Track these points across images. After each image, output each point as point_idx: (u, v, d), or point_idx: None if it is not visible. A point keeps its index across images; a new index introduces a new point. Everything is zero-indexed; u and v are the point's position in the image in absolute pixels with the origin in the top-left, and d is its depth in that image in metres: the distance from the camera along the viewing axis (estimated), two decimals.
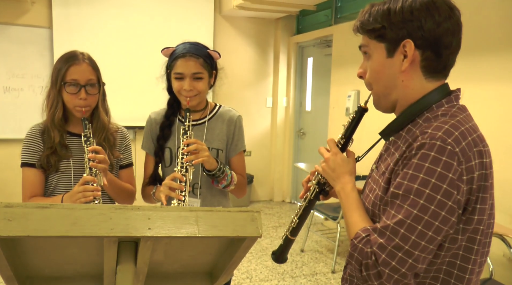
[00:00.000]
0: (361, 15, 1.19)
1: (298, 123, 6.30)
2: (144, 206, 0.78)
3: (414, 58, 1.11)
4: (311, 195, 1.40)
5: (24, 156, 1.79)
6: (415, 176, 1.02)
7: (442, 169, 0.99)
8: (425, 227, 1.00)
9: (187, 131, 1.76)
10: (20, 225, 0.76)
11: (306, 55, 6.14)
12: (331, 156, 1.31)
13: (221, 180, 1.83)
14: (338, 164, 1.29)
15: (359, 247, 1.09)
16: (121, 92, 5.19)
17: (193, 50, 1.80)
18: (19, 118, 5.01)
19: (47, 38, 5.08)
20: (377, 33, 1.14)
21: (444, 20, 1.08)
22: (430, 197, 1.00)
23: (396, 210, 1.04)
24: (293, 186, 6.40)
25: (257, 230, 0.81)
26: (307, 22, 5.92)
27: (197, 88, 1.81)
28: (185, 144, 1.73)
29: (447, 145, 1.00)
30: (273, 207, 6.16)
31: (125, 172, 1.96)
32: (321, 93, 5.68)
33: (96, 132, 1.81)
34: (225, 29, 5.89)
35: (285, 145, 6.38)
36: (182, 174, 1.70)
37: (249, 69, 6.11)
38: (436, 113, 1.11)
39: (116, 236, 0.75)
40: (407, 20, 1.09)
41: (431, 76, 1.14)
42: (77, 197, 1.63)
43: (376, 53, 1.16)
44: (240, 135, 1.96)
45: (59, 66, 1.75)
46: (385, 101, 1.21)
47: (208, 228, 0.78)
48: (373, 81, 1.20)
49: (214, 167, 1.79)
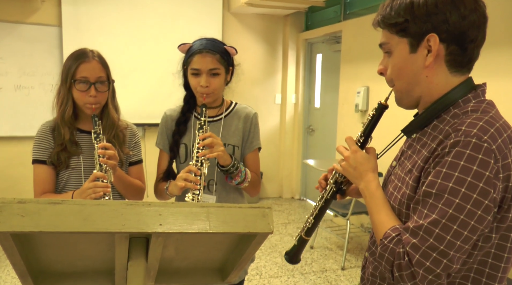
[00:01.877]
0: (382, 9, 1.16)
1: (307, 120, 6.28)
2: (155, 202, 0.78)
3: (438, 53, 1.08)
4: (328, 194, 1.37)
5: (35, 153, 1.80)
6: (449, 175, 0.99)
7: (478, 167, 0.96)
8: (460, 227, 0.98)
9: (202, 126, 1.76)
10: (33, 220, 0.76)
11: (315, 51, 6.12)
12: (351, 154, 1.27)
13: (234, 176, 1.82)
14: (359, 162, 1.25)
15: (390, 247, 1.06)
16: (130, 90, 5.21)
17: (209, 46, 1.79)
18: (30, 115, 5.05)
19: (56, 36, 5.11)
20: (400, 27, 1.10)
21: (469, 13, 1.05)
22: (466, 196, 0.97)
23: (429, 209, 1.01)
24: (302, 182, 6.39)
25: (268, 227, 0.81)
26: (316, 18, 5.89)
27: (213, 84, 1.80)
28: (201, 138, 1.73)
29: (483, 142, 0.97)
30: (282, 204, 6.16)
31: (135, 168, 1.97)
32: (330, 90, 5.66)
33: (105, 129, 1.82)
34: (233, 26, 5.89)
35: (294, 141, 6.37)
36: (198, 168, 1.71)
37: (258, 66, 6.10)
38: (465, 109, 1.08)
39: (127, 232, 0.76)
40: (432, 13, 1.05)
41: (456, 71, 1.11)
42: (87, 193, 1.64)
43: (398, 49, 1.13)
44: (255, 132, 1.95)
45: (69, 64, 1.76)
46: (408, 98, 1.18)
47: (219, 224, 0.78)
48: (395, 78, 1.17)
49: (228, 163, 1.78)
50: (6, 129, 5.07)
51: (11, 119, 5.07)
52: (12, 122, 5.07)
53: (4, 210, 0.78)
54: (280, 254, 4.34)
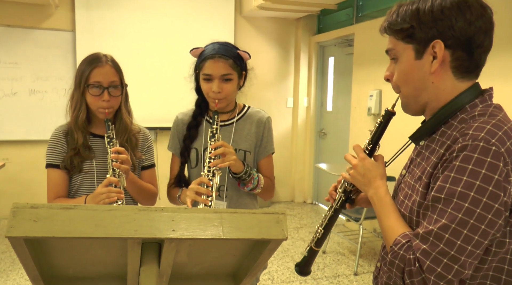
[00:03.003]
0: (389, 15, 1.17)
1: (319, 123, 6.26)
2: (168, 207, 0.77)
3: (444, 59, 1.08)
4: (337, 204, 1.37)
5: (49, 157, 1.81)
6: (458, 179, 0.98)
7: (487, 170, 0.96)
8: (471, 231, 0.97)
9: (214, 134, 1.74)
10: (46, 226, 0.76)
11: (327, 54, 6.10)
12: (359, 161, 1.27)
13: (247, 182, 1.81)
14: (367, 169, 1.25)
15: (400, 253, 1.05)
16: (143, 94, 5.24)
17: (222, 51, 1.77)
18: (44, 119, 5.11)
19: (70, 41, 5.17)
20: (406, 33, 1.11)
21: (476, 18, 1.05)
22: (475, 200, 0.96)
23: (438, 214, 1.00)
24: (314, 187, 6.36)
25: (282, 233, 0.80)
26: (328, 21, 5.88)
27: (225, 89, 1.78)
28: (212, 147, 1.70)
29: (491, 145, 0.97)
30: (294, 208, 6.14)
31: (147, 173, 1.97)
32: (343, 93, 5.64)
33: (118, 133, 1.82)
34: (245, 29, 5.90)
35: (306, 145, 6.34)
36: (209, 178, 1.68)
37: (270, 69, 6.10)
38: (472, 113, 1.08)
39: (140, 238, 0.75)
40: (437, 19, 1.06)
41: (463, 76, 1.11)
42: (101, 198, 1.64)
43: (405, 55, 1.13)
44: (269, 137, 1.93)
45: (83, 68, 1.76)
46: (414, 104, 1.18)
47: (232, 230, 0.77)
48: (401, 84, 1.17)
49: (241, 170, 1.76)
50: (20, 133, 5.13)
51: (25, 123, 5.13)
52: (26, 126, 5.13)
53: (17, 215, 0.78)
54: (293, 259, 4.31)
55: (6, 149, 5.15)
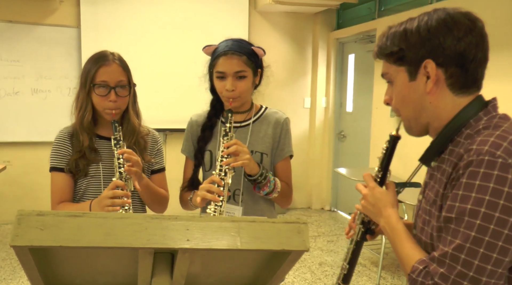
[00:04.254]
0: (379, 39, 1.22)
1: (338, 125, 6.24)
2: (182, 215, 0.77)
3: (438, 78, 1.12)
4: (357, 236, 1.41)
5: (53, 160, 1.82)
6: (466, 196, 1.00)
7: (495, 184, 0.97)
8: (488, 249, 0.97)
9: (227, 132, 1.75)
10: (52, 234, 0.77)
11: (347, 51, 6.08)
12: (369, 191, 1.32)
13: (263, 186, 1.80)
14: (377, 199, 1.29)
15: (419, 281, 1.06)
16: (152, 94, 5.26)
17: (235, 47, 1.79)
18: (47, 120, 5.15)
19: (75, 37, 5.22)
20: (396, 56, 1.16)
21: (464, 34, 1.08)
22: (486, 215, 0.97)
23: (452, 235, 1.02)
24: (333, 192, 6.34)
25: (303, 244, 0.80)
26: (348, 16, 5.86)
27: (239, 87, 1.79)
28: (225, 146, 1.72)
29: (497, 158, 0.98)
30: (312, 215, 6.11)
31: (157, 177, 1.98)
32: (364, 93, 5.61)
33: (126, 135, 1.83)
34: (260, 25, 5.90)
35: (324, 148, 6.32)
36: (221, 177, 1.69)
37: (286, 67, 6.09)
38: (476, 127, 1.10)
39: (152, 248, 0.75)
40: (425, 39, 1.11)
41: (462, 92, 1.13)
42: (106, 202, 1.64)
43: (398, 78, 1.18)
44: (287, 139, 1.93)
45: (89, 67, 1.78)
46: (416, 125, 1.22)
47: (250, 240, 0.77)
48: (400, 107, 1.21)
49: (255, 172, 1.76)
50: (22, 134, 5.19)
51: (27, 124, 5.18)
52: (28, 127, 5.19)
53: (23, 223, 0.78)
54: (310, 270, 4.30)
55: (7, 151, 5.22)
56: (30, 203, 5.21)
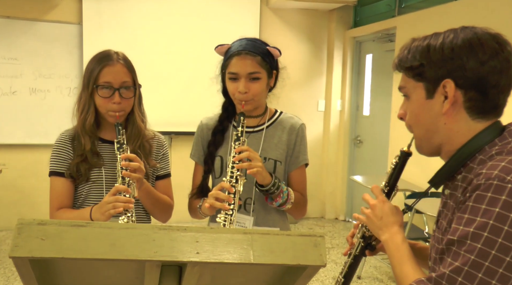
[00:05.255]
0: (401, 51, 1.22)
1: (355, 130, 6.22)
2: (192, 226, 0.78)
3: (456, 99, 1.12)
4: (356, 250, 1.44)
5: (53, 164, 1.84)
6: (471, 220, 1.02)
7: (501, 209, 0.98)
8: (487, 275, 0.98)
9: (239, 137, 1.75)
10: (54, 245, 0.77)
11: (365, 51, 6.08)
12: (378, 203, 1.34)
13: (275, 197, 1.80)
14: (385, 213, 1.32)
15: None
16: (156, 95, 5.27)
17: (249, 47, 1.79)
18: (46, 121, 5.19)
19: (76, 35, 5.25)
20: (416, 71, 1.17)
21: (489, 58, 1.08)
22: (489, 240, 0.98)
23: (452, 257, 1.03)
24: (347, 201, 6.32)
25: (320, 258, 0.79)
26: (366, 13, 5.85)
27: (253, 90, 1.79)
28: (236, 151, 1.72)
29: (506, 183, 0.99)
30: (325, 225, 6.10)
31: (162, 183, 1.98)
32: (382, 95, 5.60)
33: (130, 139, 1.84)
34: (272, 22, 5.91)
35: (339, 154, 6.31)
36: (232, 184, 1.69)
37: (299, 67, 6.09)
38: (489, 153, 1.11)
39: (159, 260, 0.75)
40: (448, 58, 1.11)
41: (479, 116, 1.14)
42: (107, 208, 1.65)
43: (415, 94, 1.19)
44: (302, 146, 1.93)
45: (92, 67, 1.79)
46: (427, 145, 1.23)
47: (264, 254, 0.77)
48: (413, 124, 1.23)
49: (268, 182, 1.76)
50: (19, 136, 5.23)
51: (25, 125, 5.22)
52: (26, 129, 5.23)
53: (23, 232, 0.79)
54: (322, 283, 4.28)
55: (4, 153, 5.25)
56: (27, 209, 5.24)
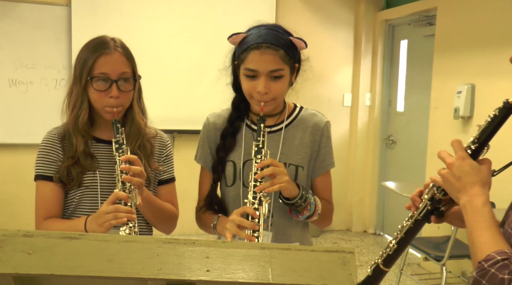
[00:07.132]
0: None
1: (387, 128, 6.21)
2: (201, 240, 0.78)
3: None
4: (419, 214, 1.39)
5: (39, 167, 1.85)
6: None
7: None
8: None
9: (261, 148, 1.72)
10: (43, 260, 0.78)
11: (399, 36, 6.06)
12: (456, 160, 1.29)
13: (302, 209, 1.79)
14: (465, 172, 1.26)
15: (490, 271, 1.08)
16: (156, 89, 5.22)
17: (271, 39, 1.74)
18: (28, 118, 5.20)
19: (64, 18, 5.26)
20: None
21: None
22: None
23: None
24: (378, 211, 6.30)
25: (350, 278, 0.79)
26: None
27: (274, 90, 1.75)
28: (258, 167, 1.69)
29: None
30: (351, 239, 6.09)
31: (165, 188, 1.99)
32: (419, 88, 5.58)
33: (129, 138, 1.85)
34: (290, 4, 5.91)
35: (367, 157, 6.30)
36: (255, 208, 1.66)
37: (321, 56, 6.06)
38: None
39: (164, 279, 0.76)
40: None
41: None
42: (106, 218, 1.65)
43: None
44: (327, 148, 1.93)
45: (85, 56, 1.80)
46: None
47: (284, 273, 0.77)
48: None
49: (295, 195, 1.74)
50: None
51: (4, 123, 5.22)
52: (5, 126, 5.23)
53: (6, 245, 0.79)
54: None
55: None
56: (6, 219, 5.24)
